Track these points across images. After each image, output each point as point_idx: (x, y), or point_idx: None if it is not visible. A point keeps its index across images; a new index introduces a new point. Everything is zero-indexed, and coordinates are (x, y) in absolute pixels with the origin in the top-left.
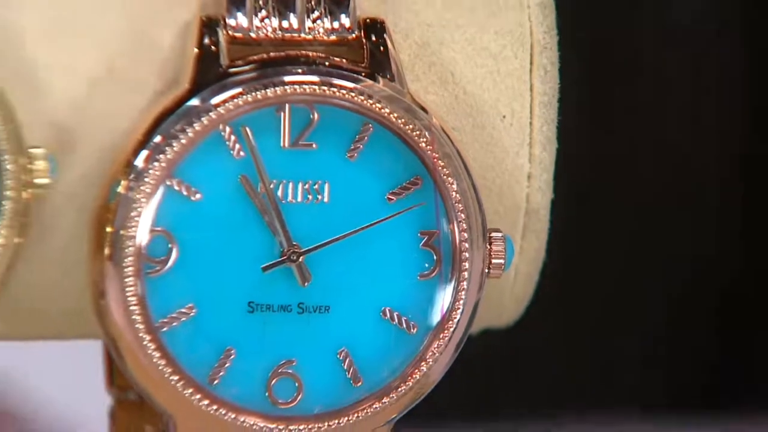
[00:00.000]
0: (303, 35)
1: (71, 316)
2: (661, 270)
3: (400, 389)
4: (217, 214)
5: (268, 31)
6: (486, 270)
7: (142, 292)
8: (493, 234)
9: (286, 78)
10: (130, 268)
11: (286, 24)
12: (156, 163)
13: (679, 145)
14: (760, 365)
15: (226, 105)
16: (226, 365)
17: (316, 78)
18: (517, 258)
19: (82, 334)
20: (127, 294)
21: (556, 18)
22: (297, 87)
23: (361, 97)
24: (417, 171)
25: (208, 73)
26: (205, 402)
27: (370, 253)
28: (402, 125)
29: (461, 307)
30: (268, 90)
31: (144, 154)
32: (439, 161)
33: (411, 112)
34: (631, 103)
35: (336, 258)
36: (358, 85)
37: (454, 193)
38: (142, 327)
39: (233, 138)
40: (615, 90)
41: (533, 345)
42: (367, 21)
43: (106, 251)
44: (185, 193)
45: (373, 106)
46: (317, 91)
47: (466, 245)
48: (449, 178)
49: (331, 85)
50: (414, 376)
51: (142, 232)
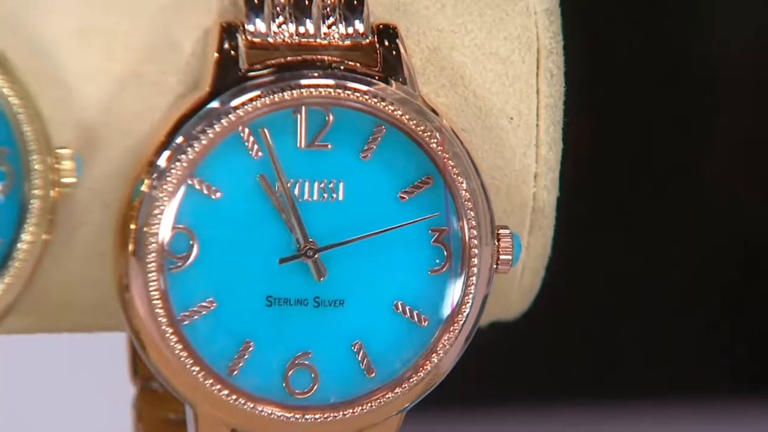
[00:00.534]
0: (319, 40)
1: (97, 309)
2: (662, 266)
3: (412, 380)
4: (237, 211)
5: (285, 36)
6: (494, 265)
7: (164, 287)
8: (501, 231)
9: (303, 81)
10: (153, 264)
11: (302, 29)
12: (178, 163)
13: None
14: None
15: (245, 107)
16: (245, 357)
17: (331, 81)
18: (524, 254)
19: (108, 327)
20: (150, 288)
21: (562, 24)
22: (313, 90)
23: (375, 100)
24: (428, 170)
25: (228, 77)
26: (225, 392)
27: (383, 249)
28: (414, 127)
29: (470, 301)
30: (285, 93)
31: (166, 154)
32: (450, 161)
33: (422, 114)
34: (637, 105)
35: (351, 254)
36: (372, 88)
37: (463, 191)
38: (164, 320)
39: (252, 139)
40: (618, 92)
41: (538, 337)
42: (381, 26)
43: (130, 247)
44: (206, 191)
45: (386, 108)
46: (332, 93)
47: (475, 242)
48: (459, 178)
49: (346, 88)
50: (425, 368)
51: (164, 229)
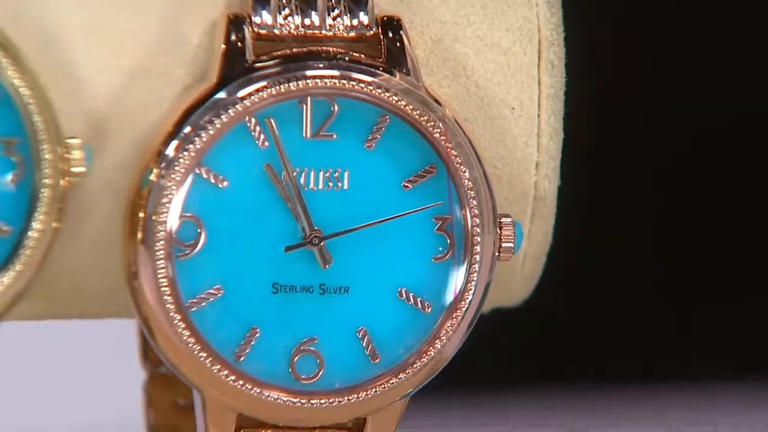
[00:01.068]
0: (324, 32)
1: (106, 296)
2: (659, 251)
3: (415, 365)
4: (243, 200)
5: (291, 28)
6: (496, 253)
7: (172, 274)
8: (503, 219)
9: (308, 72)
10: (161, 252)
11: (308, 21)
12: (185, 153)
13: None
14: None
15: (252, 98)
16: (252, 343)
17: (336, 72)
18: (526, 242)
19: (117, 314)
20: (159, 276)
21: (562, 15)
22: (318, 81)
23: (379, 90)
24: (431, 160)
25: (235, 68)
26: (232, 377)
27: (387, 237)
28: (417, 117)
29: (473, 287)
30: (291, 83)
31: (174, 144)
32: (452, 151)
33: (426, 105)
34: (635, 94)
35: (355, 242)
36: (376, 79)
37: (466, 180)
38: (172, 307)
39: (258, 129)
40: (619, 82)
41: (539, 323)
42: (385, 18)
43: (139, 235)
44: (213, 180)
45: (390, 98)
46: (337, 84)
47: (478, 230)
48: (462, 167)
49: (351, 78)
50: (429, 353)
51: (172, 217)
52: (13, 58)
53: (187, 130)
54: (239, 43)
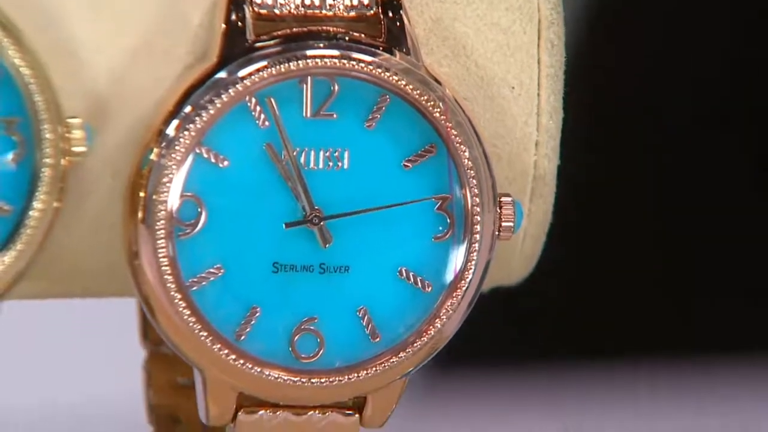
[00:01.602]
0: (324, 12)
1: (107, 275)
2: (659, 232)
3: (415, 344)
4: (244, 180)
5: (291, 7)
6: (496, 232)
7: (173, 254)
8: (503, 198)
9: (309, 52)
10: (162, 231)
11: (308, 1)
12: (186, 132)
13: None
14: None
15: (252, 77)
16: (252, 322)
17: (336, 52)
18: (526, 221)
19: (118, 292)
20: (159, 255)
21: None
22: (318, 60)
23: (379, 70)
24: (431, 139)
25: (235, 48)
26: (232, 356)
27: (387, 217)
28: (417, 96)
29: (473, 267)
30: (291, 63)
31: (175, 123)
32: (452, 130)
33: (426, 84)
34: (634, 78)
35: (355, 221)
36: (376, 59)
37: (466, 160)
38: (173, 286)
39: (258, 108)
40: (618, 65)
41: (538, 301)
42: None
43: (140, 215)
44: (213, 160)
45: (390, 78)
46: (337, 64)
47: (478, 209)
48: (462, 146)
49: (351, 58)
50: (429, 332)
51: (173, 196)
52: (13, 37)
53: (187, 109)
54: (239, 23)
